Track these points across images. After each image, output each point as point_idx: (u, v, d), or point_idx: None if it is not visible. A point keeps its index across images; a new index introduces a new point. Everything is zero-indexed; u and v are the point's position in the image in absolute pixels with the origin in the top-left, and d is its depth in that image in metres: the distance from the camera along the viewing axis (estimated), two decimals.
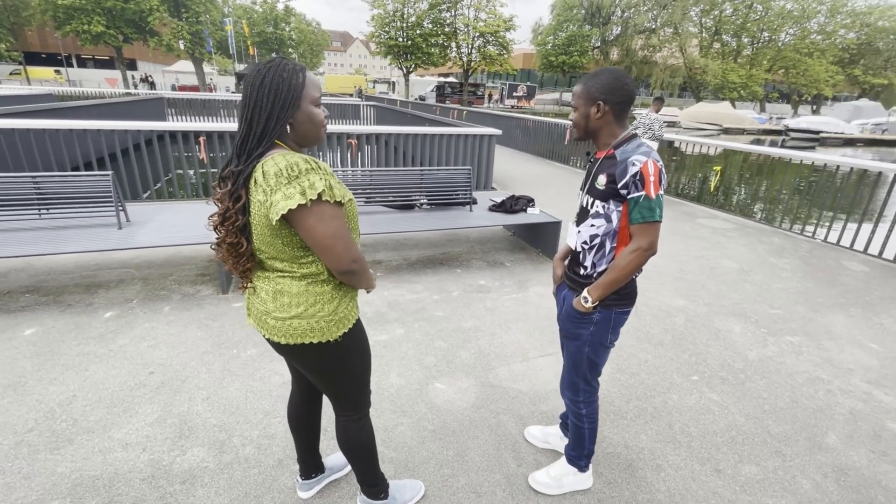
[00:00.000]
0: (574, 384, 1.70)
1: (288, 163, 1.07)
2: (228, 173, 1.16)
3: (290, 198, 1.05)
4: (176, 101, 16.44)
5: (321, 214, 1.09)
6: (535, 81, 51.73)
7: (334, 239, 1.12)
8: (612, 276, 1.46)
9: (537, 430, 2.12)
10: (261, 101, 1.09)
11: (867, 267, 4.61)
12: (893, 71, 42.49)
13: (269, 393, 2.31)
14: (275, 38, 39.98)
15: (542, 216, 4.31)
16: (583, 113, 1.48)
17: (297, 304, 1.21)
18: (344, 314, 1.28)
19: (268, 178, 1.07)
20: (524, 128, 12.18)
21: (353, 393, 1.42)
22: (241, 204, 1.13)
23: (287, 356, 1.35)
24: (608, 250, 1.51)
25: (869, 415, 2.39)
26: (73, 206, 3.39)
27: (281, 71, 1.09)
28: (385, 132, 6.47)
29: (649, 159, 1.37)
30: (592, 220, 1.51)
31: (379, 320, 3.09)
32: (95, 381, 2.34)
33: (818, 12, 37.80)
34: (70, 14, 26.59)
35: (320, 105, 1.19)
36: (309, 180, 1.07)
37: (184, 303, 3.19)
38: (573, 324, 1.61)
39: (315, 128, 1.18)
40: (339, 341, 1.28)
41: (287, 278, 1.21)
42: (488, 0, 34.93)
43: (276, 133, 1.11)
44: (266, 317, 1.25)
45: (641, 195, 1.38)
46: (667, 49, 39.14)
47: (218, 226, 1.20)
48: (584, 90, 1.46)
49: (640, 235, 1.42)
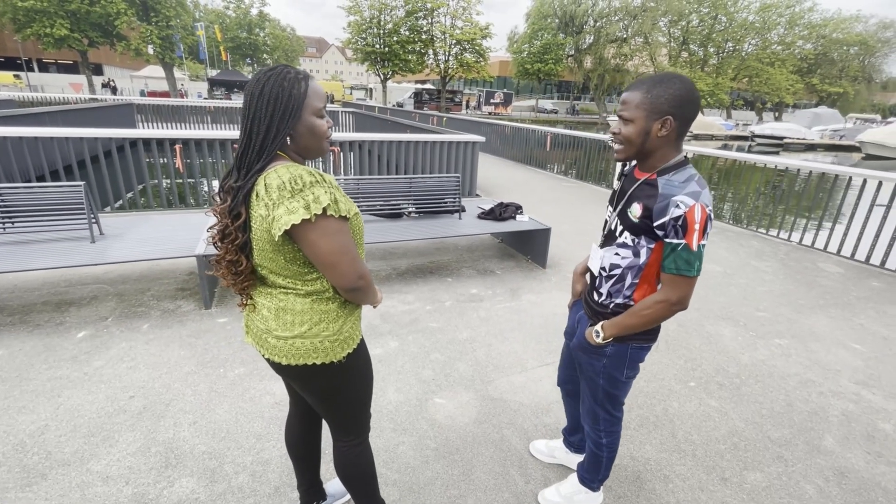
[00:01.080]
0: (594, 413, 1.58)
1: (291, 175, 1.00)
2: (228, 188, 1.08)
3: (294, 212, 0.98)
4: (145, 108, 15.90)
5: (325, 230, 1.03)
6: (511, 88, 52.44)
7: (339, 255, 1.06)
8: (631, 321, 1.33)
9: (542, 444, 2.07)
10: (260, 112, 1.02)
11: (841, 268, 4.78)
12: (848, 80, 44.95)
13: (260, 414, 2.20)
14: (249, 44, 39.34)
15: (531, 223, 4.30)
16: (642, 128, 1.22)
17: (300, 322, 1.14)
18: (349, 333, 1.22)
19: (270, 192, 1.00)
20: (502, 134, 12.27)
21: (354, 417, 1.34)
22: (242, 221, 1.05)
23: (288, 377, 1.26)
24: (627, 284, 1.36)
25: (860, 415, 2.44)
26: (42, 219, 3.18)
27: (282, 80, 1.03)
28: (368, 139, 6.39)
29: (698, 203, 1.16)
30: (618, 248, 1.35)
31: (372, 333, 3.00)
32: (70, 408, 2.18)
33: (778, 24, 39.65)
34: (31, 17, 25.45)
35: (324, 115, 1.12)
36: (313, 194, 1.00)
37: (164, 319, 3.03)
38: (584, 355, 1.50)
39: (317, 140, 1.11)
40: (344, 362, 1.21)
41: (291, 295, 1.14)
42: (465, 8, 35.31)
43: (276, 145, 1.04)
44: (267, 335, 1.17)
45: (681, 244, 1.19)
46: (638, 58, 40.31)
47: (217, 242, 1.12)
48: (648, 100, 1.20)
49: (671, 287, 1.25)
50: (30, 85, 34.17)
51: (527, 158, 11.05)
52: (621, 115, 1.27)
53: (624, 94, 1.27)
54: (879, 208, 4.76)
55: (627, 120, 1.24)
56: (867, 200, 4.89)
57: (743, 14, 39.24)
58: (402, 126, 10.12)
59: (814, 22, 39.99)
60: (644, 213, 1.24)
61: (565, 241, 5.03)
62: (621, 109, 1.27)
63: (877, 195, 4.81)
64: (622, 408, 1.61)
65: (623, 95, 1.27)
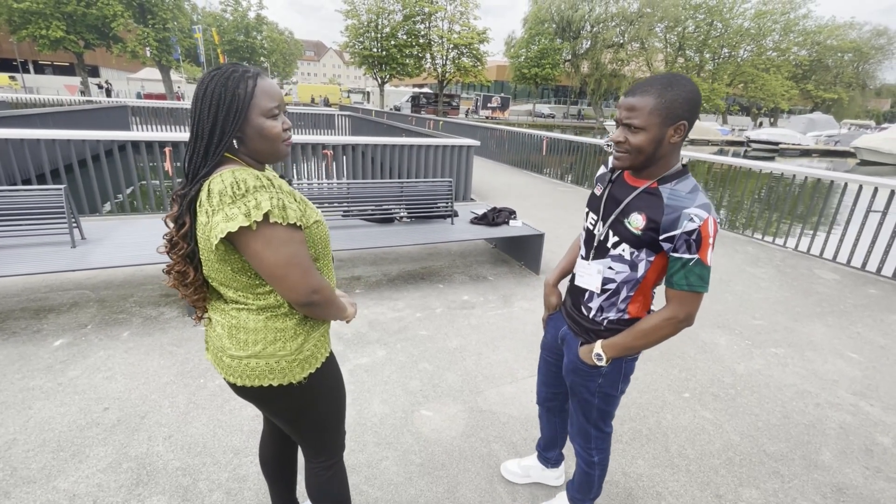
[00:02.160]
0: (585, 432, 1.51)
1: (235, 179, 0.93)
2: (175, 195, 1.02)
3: (232, 219, 0.91)
4: (141, 110, 15.81)
5: (269, 239, 0.95)
6: (508, 93, 52.57)
7: (286, 267, 0.98)
8: (636, 342, 1.25)
9: (514, 464, 1.94)
10: (203, 114, 0.96)
11: (837, 275, 4.73)
12: (842, 86, 45.30)
13: (239, 427, 2.12)
14: (246, 47, 39.27)
15: (524, 229, 4.24)
16: (655, 136, 1.12)
17: (254, 341, 1.06)
18: (310, 352, 1.13)
19: (211, 198, 0.94)
20: (499, 138, 12.24)
21: (323, 439, 1.26)
22: (186, 229, 0.99)
23: (246, 399, 1.18)
24: (622, 298, 1.29)
25: (858, 428, 2.38)
26: (21, 223, 3.09)
27: (225, 79, 0.95)
28: (362, 143, 6.32)
29: (710, 216, 1.11)
30: (612, 261, 1.26)
31: (359, 341, 2.92)
32: (40, 420, 2.09)
33: (773, 30, 39.91)
34: (27, 18, 25.33)
35: (278, 116, 1.02)
36: (255, 199, 0.93)
37: (145, 327, 2.95)
38: (579, 377, 1.41)
39: (269, 142, 1.01)
40: (304, 383, 1.13)
41: (244, 311, 1.06)
42: (462, 13, 35.40)
43: (221, 149, 0.97)
44: (222, 354, 1.10)
45: (694, 258, 1.12)
46: (634, 63, 40.47)
47: (168, 251, 1.05)
48: (663, 105, 1.09)
49: (679, 304, 1.17)
50: (25, 86, 34.02)
51: (523, 163, 11.02)
52: (630, 122, 1.13)
53: (630, 100, 1.13)
54: (875, 214, 4.72)
55: (638, 128, 1.11)
56: (862, 206, 4.86)
57: (738, 20, 39.50)
58: (398, 129, 10.07)
59: (808, 29, 40.29)
60: (649, 226, 1.15)
61: (559, 247, 4.96)
62: (629, 117, 1.13)
63: (872, 201, 4.78)
64: (612, 423, 1.54)
65: (629, 101, 1.13)
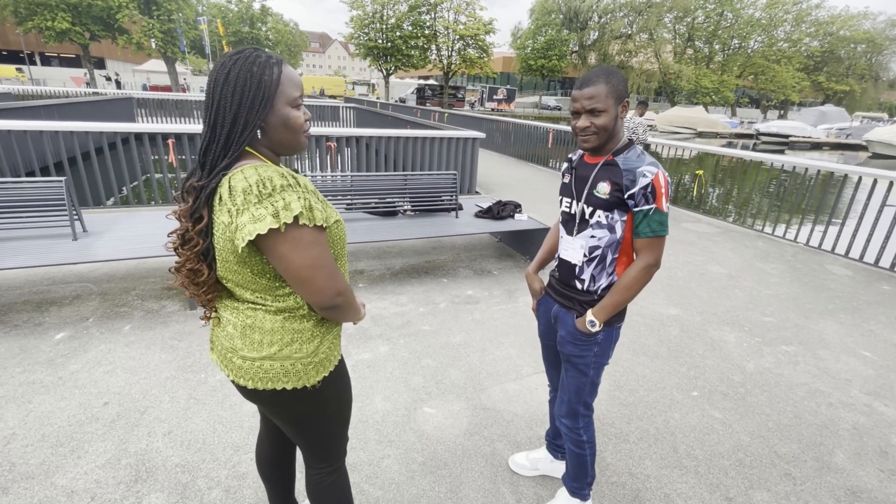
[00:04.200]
0: (574, 411, 1.58)
1: (260, 177, 0.88)
2: (190, 187, 0.95)
3: (260, 220, 0.86)
4: (146, 102, 15.78)
5: (297, 241, 0.90)
6: (514, 84, 52.09)
7: (313, 269, 0.93)
8: (620, 297, 1.38)
9: (522, 457, 1.95)
10: (225, 101, 0.89)
11: (850, 271, 4.64)
12: (854, 78, 44.44)
13: (239, 424, 2.09)
14: (251, 38, 39.11)
15: (530, 222, 4.18)
16: (613, 115, 1.33)
17: (269, 342, 1.01)
18: (325, 355, 1.09)
19: (234, 196, 0.88)
20: (504, 131, 12.11)
21: (328, 444, 1.22)
22: (203, 225, 0.93)
23: (255, 402, 1.13)
24: (609, 262, 1.42)
25: (872, 429, 2.32)
26: (22, 216, 3.07)
27: (250, 64, 0.90)
28: (366, 135, 6.26)
29: (659, 171, 1.31)
30: (593, 230, 1.41)
31: (361, 337, 2.89)
32: (40, 415, 2.07)
33: (784, 21, 39.16)
34: (32, 10, 25.32)
35: (300, 106, 0.98)
36: (284, 199, 0.88)
37: (146, 320, 2.93)
38: (578, 347, 1.49)
39: (292, 134, 0.97)
40: (318, 387, 1.09)
41: (260, 311, 1.01)
42: (468, 3, 34.95)
43: (244, 140, 0.92)
44: (232, 355, 1.04)
45: (652, 208, 1.31)
46: (642, 54, 39.93)
47: (178, 248, 1.00)
48: (611, 89, 1.30)
49: (647, 251, 1.35)
50: (32, 78, 34.13)
51: (528, 155, 10.90)
52: (594, 108, 1.31)
53: (588, 90, 1.31)
54: (890, 209, 4.61)
55: (600, 111, 1.31)
56: (876, 201, 4.74)
57: (749, 10, 38.77)
58: (402, 122, 9.98)
59: (821, 19, 39.47)
60: (614, 188, 1.34)
61: None
62: (591, 103, 1.31)
63: (887, 195, 4.66)
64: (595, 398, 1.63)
65: (586, 91, 1.31)
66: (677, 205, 7.29)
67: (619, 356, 2.80)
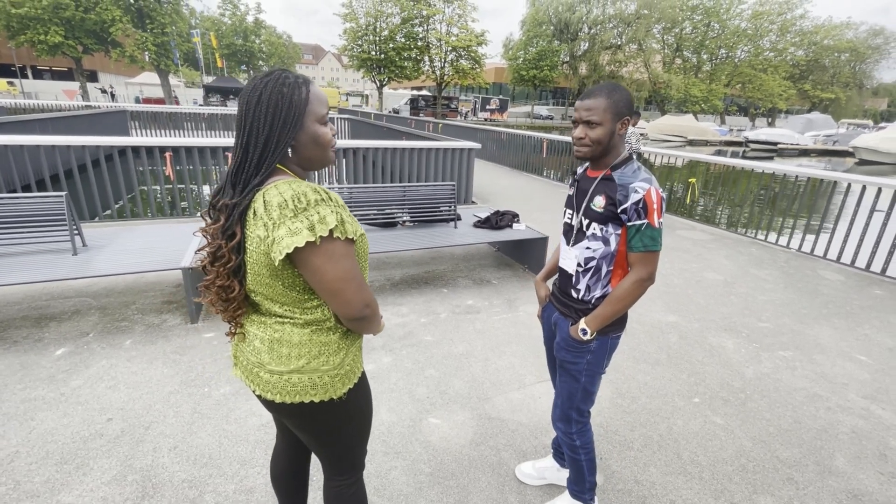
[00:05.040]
0: (567, 416, 1.62)
1: (294, 192, 0.91)
2: (222, 206, 0.97)
3: (297, 233, 0.89)
4: (140, 115, 15.78)
5: (331, 253, 0.93)
6: (507, 95, 52.62)
7: (345, 282, 0.96)
8: (612, 308, 1.42)
9: (529, 466, 1.97)
10: (258, 122, 0.93)
11: (842, 276, 4.72)
12: (839, 86, 45.44)
13: (245, 438, 2.09)
14: (244, 51, 39.29)
15: (528, 232, 4.22)
16: (609, 130, 1.37)
17: (297, 355, 1.03)
18: (350, 367, 1.11)
19: (270, 210, 0.91)
20: (498, 140, 12.23)
21: (350, 456, 1.23)
22: (236, 242, 0.95)
23: (281, 415, 1.14)
24: (604, 273, 1.46)
25: (871, 433, 2.35)
26: (21, 231, 3.06)
27: (281, 86, 0.93)
28: (363, 146, 6.30)
29: (652, 187, 1.34)
30: (589, 241, 1.45)
31: (364, 348, 2.89)
32: (43, 432, 2.06)
33: (770, 31, 40.07)
34: (25, 24, 25.29)
35: (327, 122, 1.02)
36: (319, 213, 0.91)
37: (148, 335, 2.92)
38: (570, 354, 1.53)
39: (321, 149, 1.02)
40: (344, 399, 1.11)
41: (287, 325, 1.03)
42: (460, 16, 35.42)
43: (276, 158, 0.95)
44: (259, 370, 1.06)
45: (644, 223, 1.34)
46: (632, 64, 40.56)
47: (207, 266, 1.02)
48: (611, 104, 1.35)
49: (640, 265, 1.38)
50: (23, 92, 33.97)
51: (523, 164, 11.01)
52: (590, 119, 1.36)
53: (586, 102, 1.37)
54: (879, 214, 4.71)
55: (596, 123, 1.36)
56: (865, 207, 4.84)
57: (735, 21, 39.64)
58: (397, 132, 10.05)
59: (805, 29, 40.43)
60: (608, 202, 1.38)
61: None
62: (588, 115, 1.37)
63: (876, 201, 4.76)
64: (591, 408, 1.65)
65: (585, 103, 1.37)
66: (671, 212, 7.38)
67: (620, 363, 2.83)
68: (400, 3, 34.66)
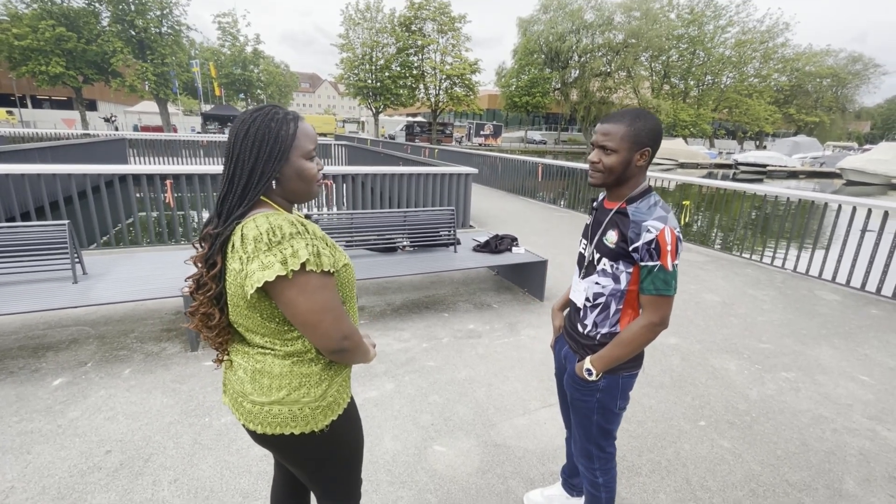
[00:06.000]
0: (587, 451, 1.54)
1: (270, 226, 0.93)
2: (206, 235, 1.00)
3: (269, 267, 0.90)
4: (138, 142, 15.95)
5: (304, 287, 0.94)
6: (500, 120, 53.71)
7: (320, 314, 0.96)
8: (619, 351, 1.34)
9: (537, 494, 1.93)
10: (244, 154, 0.96)
11: (838, 296, 4.76)
12: (823, 110, 46.82)
13: (247, 469, 2.04)
14: (243, 80, 40.05)
15: (527, 255, 4.25)
16: (624, 158, 1.29)
17: (279, 386, 1.03)
18: (333, 399, 1.10)
19: (245, 244, 0.93)
20: (493, 165, 12.43)
21: (340, 488, 1.22)
22: (217, 271, 0.98)
23: (264, 446, 1.13)
24: (612, 312, 1.38)
25: (878, 454, 2.34)
26: (22, 259, 3.06)
27: (269, 120, 0.97)
28: (361, 172, 6.39)
29: (666, 226, 1.24)
30: (598, 276, 1.38)
31: (366, 374, 2.87)
32: (39, 466, 2.01)
33: (753, 58, 41.47)
34: (27, 55, 25.77)
35: (314, 158, 1.05)
36: (292, 247, 0.92)
37: (147, 364, 2.88)
38: (579, 391, 1.47)
39: (306, 184, 1.04)
40: (327, 431, 1.10)
41: (269, 356, 1.04)
42: (454, 45, 36.49)
43: (259, 189, 0.98)
44: (242, 399, 1.06)
45: (657, 265, 1.25)
46: (622, 90, 41.66)
47: (193, 292, 1.04)
48: (631, 133, 1.27)
49: (651, 309, 1.29)
50: (22, 121, 34.30)
51: (517, 188, 11.16)
52: (605, 144, 1.30)
53: (605, 126, 1.31)
54: (871, 234, 4.79)
55: (611, 150, 1.29)
56: (857, 226, 4.93)
57: (720, 49, 41.04)
58: (395, 158, 10.20)
59: (787, 56, 41.91)
60: (619, 238, 1.30)
61: (562, 273, 4.97)
62: (604, 139, 1.30)
63: (867, 222, 4.85)
64: (615, 443, 1.57)
65: (603, 127, 1.31)
66: None
67: None
68: (395, 33, 35.73)
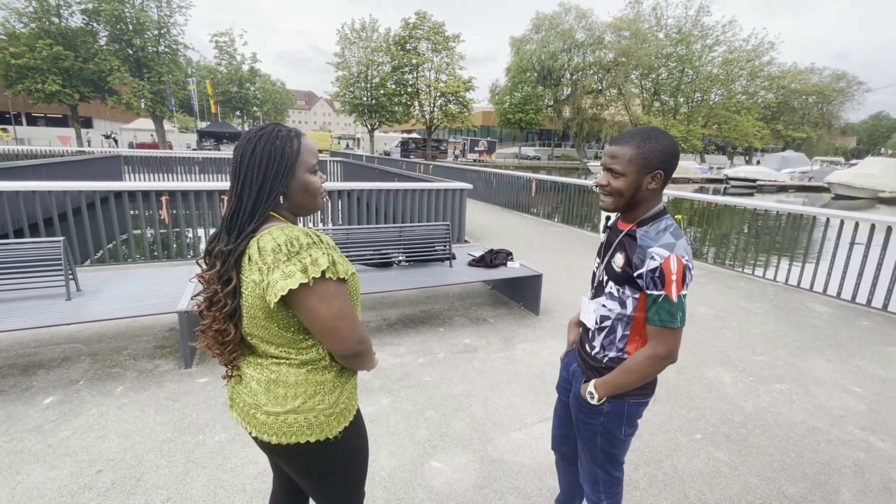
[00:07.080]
0: (593, 474, 1.49)
1: (287, 237, 0.96)
2: (217, 252, 1.02)
3: (291, 276, 0.93)
4: (132, 159, 15.97)
5: (324, 294, 0.97)
6: (494, 136, 54.38)
7: (338, 320, 0.99)
8: (623, 379, 1.29)
9: None
10: (252, 172, 0.99)
11: (830, 308, 4.81)
12: (809, 126, 47.85)
13: (241, 487, 2.02)
14: (239, 97, 40.41)
15: (522, 270, 4.28)
16: (633, 182, 1.23)
17: (294, 395, 1.05)
18: (345, 405, 1.12)
19: (264, 255, 0.95)
20: (487, 180, 12.55)
21: (347, 498, 1.22)
22: (232, 287, 0.99)
23: (277, 457, 1.14)
24: (619, 336, 1.34)
25: (873, 465, 2.35)
26: (16, 276, 3.04)
27: (274, 138, 1.00)
28: (357, 188, 6.44)
29: (672, 254, 1.16)
30: (606, 299, 1.34)
31: (363, 390, 2.85)
32: (28, 486, 1.97)
33: (740, 76, 42.45)
34: (23, 73, 25.89)
35: (317, 171, 1.10)
36: (311, 256, 0.95)
37: (140, 381, 2.85)
38: (582, 413, 1.44)
39: (311, 196, 1.08)
40: (339, 438, 1.11)
41: (283, 365, 1.05)
42: (448, 64, 37.16)
43: (269, 205, 1.01)
44: (255, 411, 1.07)
45: (661, 295, 1.19)
46: (613, 107, 42.40)
47: (204, 311, 1.05)
48: (640, 155, 1.21)
49: (657, 341, 1.22)
50: (16, 138, 34.27)
51: (512, 203, 11.26)
52: (612, 168, 1.25)
53: (613, 148, 1.26)
54: (859, 247, 4.87)
55: (619, 173, 1.24)
56: (845, 239, 5.01)
57: (707, 67, 42.00)
58: (390, 174, 10.28)
59: (773, 74, 42.95)
60: (625, 263, 1.25)
61: (557, 287, 5.00)
62: (611, 162, 1.25)
63: (855, 234, 4.94)
64: (622, 467, 1.52)
65: (611, 149, 1.26)
66: None
67: None
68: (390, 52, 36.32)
